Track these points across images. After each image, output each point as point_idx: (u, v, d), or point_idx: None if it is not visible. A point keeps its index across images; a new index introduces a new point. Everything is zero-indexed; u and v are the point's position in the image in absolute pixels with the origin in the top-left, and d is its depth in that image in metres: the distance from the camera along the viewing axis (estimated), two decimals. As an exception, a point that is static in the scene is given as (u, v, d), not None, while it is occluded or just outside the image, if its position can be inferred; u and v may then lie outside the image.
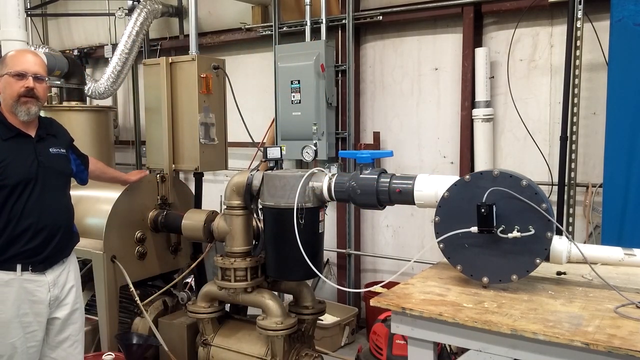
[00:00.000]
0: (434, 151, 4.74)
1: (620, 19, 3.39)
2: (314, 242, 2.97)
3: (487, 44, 4.41)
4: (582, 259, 2.12)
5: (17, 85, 2.47)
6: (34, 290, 2.52)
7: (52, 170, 2.59)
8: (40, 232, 2.50)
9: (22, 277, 2.48)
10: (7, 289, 2.46)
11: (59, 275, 2.61)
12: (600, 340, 1.65)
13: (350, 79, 4.90)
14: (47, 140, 2.63)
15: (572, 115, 3.87)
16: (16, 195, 2.44)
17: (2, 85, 2.50)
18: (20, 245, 2.46)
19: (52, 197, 2.56)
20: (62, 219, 2.62)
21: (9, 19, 3.53)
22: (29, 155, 2.51)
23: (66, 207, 2.68)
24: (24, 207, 2.46)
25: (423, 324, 1.99)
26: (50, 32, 7.43)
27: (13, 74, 2.46)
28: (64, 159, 2.71)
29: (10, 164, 2.43)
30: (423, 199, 2.52)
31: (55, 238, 2.56)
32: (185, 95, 3.93)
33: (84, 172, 2.98)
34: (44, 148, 2.59)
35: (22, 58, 2.51)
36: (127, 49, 5.26)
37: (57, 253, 2.60)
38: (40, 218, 2.49)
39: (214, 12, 5.92)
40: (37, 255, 2.50)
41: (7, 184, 2.42)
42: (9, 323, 2.48)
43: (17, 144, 2.50)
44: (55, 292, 2.59)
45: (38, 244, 2.49)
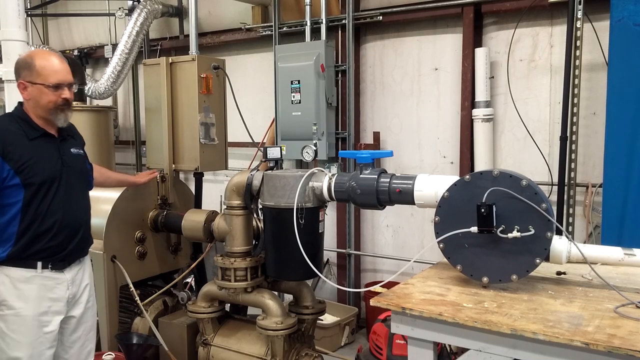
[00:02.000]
0: (434, 151, 4.74)
1: (620, 19, 3.39)
2: (314, 242, 2.97)
3: (487, 44, 4.41)
4: (582, 259, 2.12)
5: (54, 95, 2.50)
6: (53, 287, 2.53)
7: (74, 169, 2.63)
8: (63, 230, 2.53)
9: (42, 274, 2.50)
10: (28, 286, 2.48)
11: (76, 273, 2.64)
12: (600, 340, 1.65)
13: (350, 79, 4.90)
14: (68, 140, 2.68)
15: (572, 115, 3.87)
16: (42, 193, 2.47)
17: (35, 92, 2.50)
18: (43, 243, 2.48)
19: (75, 196, 2.61)
20: (83, 218, 2.67)
21: (9, 19, 3.53)
22: (54, 154, 2.55)
23: (86, 207, 2.72)
24: (49, 206, 2.49)
25: (423, 324, 1.99)
26: (50, 32, 7.43)
27: (49, 85, 2.48)
28: (83, 160, 2.77)
29: (36, 163, 2.46)
30: (423, 199, 2.52)
31: (77, 237, 2.59)
32: (185, 95, 3.94)
33: (90, 177, 3.00)
34: (67, 148, 2.63)
35: (56, 67, 2.51)
36: (127, 49, 5.26)
37: (76, 252, 2.63)
38: (64, 216, 2.53)
39: (214, 12, 5.92)
40: (58, 253, 2.52)
41: (34, 182, 2.44)
42: (31, 320, 2.47)
43: (42, 144, 2.53)
44: (73, 290, 2.61)
45: (60, 242, 2.52)
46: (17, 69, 2.55)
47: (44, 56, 2.55)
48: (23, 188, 2.43)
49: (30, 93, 2.51)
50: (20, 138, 2.48)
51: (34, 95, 2.51)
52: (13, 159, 2.42)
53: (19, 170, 2.42)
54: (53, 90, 2.49)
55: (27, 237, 2.46)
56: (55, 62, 2.54)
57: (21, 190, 2.43)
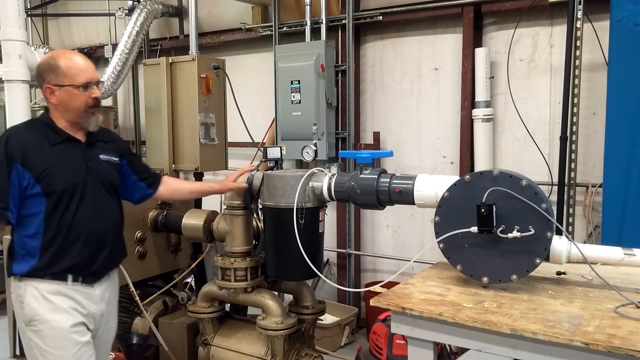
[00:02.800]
0: (434, 151, 4.74)
1: (620, 19, 3.39)
2: (314, 242, 2.97)
3: (487, 44, 4.41)
4: (582, 259, 2.12)
5: (84, 96, 2.34)
6: (84, 302, 2.37)
7: (102, 177, 2.43)
8: (90, 242, 2.35)
9: (72, 287, 2.33)
10: (59, 298, 2.30)
11: (104, 289, 2.47)
12: (600, 340, 1.65)
13: (350, 79, 4.90)
14: (97, 146, 2.47)
15: (572, 115, 3.87)
16: (64, 203, 2.29)
17: (64, 96, 2.33)
18: (71, 257, 2.31)
19: (102, 205, 2.41)
20: (111, 229, 2.46)
21: (9, 19, 3.52)
22: (77, 160, 2.37)
23: (115, 218, 2.51)
24: (73, 216, 2.30)
25: (423, 324, 1.99)
26: (50, 32, 7.43)
27: (79, 85, 2.32)
28: (114, 167, 2.53)
29: (57, 170, 2.28)
30: (423, 199, 2.52)
31: (105, 250, 2.41)
32: (185, 95, 3.94)
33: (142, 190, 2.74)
34: (94, 154, 2.44)
35: (82, 65, 2.35)
36: (127, 49, 5.26)
37: (106, 265, 2.46)
38: (89, 227, 2.34)
39: (214, 12, 5.92)
40: (87, 267, 2.35)
41: (55, 190, 2.26)
42: (68, 332, 2.30)
43: (65, 149, 2.35)
44: (101, 307, 2.44)
45: (88, 255, 2.35)
46: (40, 74, 2.38)
47: (66, 56, 2.38)
48: (45, 197, 2.26)
49: (58, 97, 2.33)
50: (41, 144, 2.31)
51: (63, 99, 2.33)
52: (33, 166, 2.25)
53: (39, 178, 2.25)
54: (83, 90, 2.33)
55: (52, 250, 2.28)
56: (80, 60, 2.37)
57: (43, 199, 2.26)
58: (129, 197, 2.73)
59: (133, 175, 2.68)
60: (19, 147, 2.26)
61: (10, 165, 2.23)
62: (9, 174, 2.22)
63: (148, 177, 2.74)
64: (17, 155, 2.24)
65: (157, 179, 2.78)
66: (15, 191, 2.24)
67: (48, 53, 2.49)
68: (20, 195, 2.25)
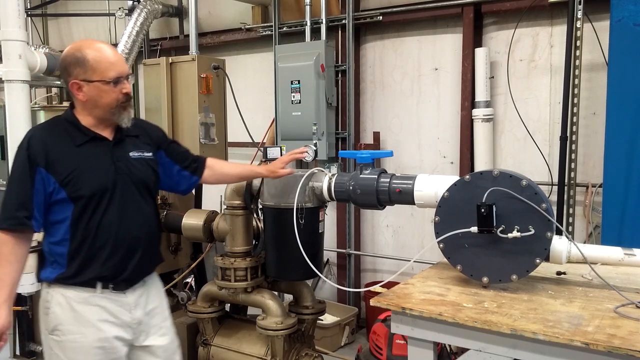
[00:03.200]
0: (434, 151, 4.74)
1: (620, 19, 3.39)
2: (314, 242, 2.97)
3: (487, 44, 4.41)
4: (582, 259, 2.12)
5: (116, 91, 2.15)
6: (115, 311, 2.20)
7: (132, 177, 2.23)
8: (119, 247, 2.18)
9: (102, 295, 2.18)
10: (87, 308, 2.16)
11: (140, 296, 2.28)
12: (600, 340, 1.65)
13: (350, 79, 4.90)
14: (127, 142, 2.27)
15: (572, 115, 3.87)
16: (92, 207, 2.13)
17: (93, 92, 2.14)
18: (99, 265, 2.15)
19: (132, 208, 2.22)
20: (143, 232, 2.26)
21: (9, 19, 3.52)
22: (105, 161, 2.18)
23: (147, 220, 2.30)
24: (100, 221, 2.14)
25: (423, 324, 1.99)
26: (50, 32, 7.43)
27: (109, 80, 2.13)
28: (147, 164, 2.32)
29: (83, 173, 2.12)
30: (423, 199, 2.52)
31: (136, 255, 2.22)
32: (185, 95, 3.94)
33: (187, 179, 2.53)
34: (123, 152, 2.24)
35: (111, 58, 2.16)
36: (127, 49, 5.26)
37: (139, 271, 2.27)
38: (118, 232, 2.17)
39: (214, 12, 5.92)
40: (116, 275, 2.19)
41: (82, 195, 2.11)
42: (91, 347, 2.16)
43: (91, 150, 2.17)
44: (138, 314, 2.26)
45: (117, 262, 2.18)
46: (65, 67, 2.16)
47: (94, 47, 2.16)
48: (71, 202, 2.11)
49: (87, 93, 2.14)
50: (65, 145, 2.14)
51: (92, 95, 2.14)
52: (57, 170, 2.10)
53: (64, 182, 2.09)
54: (113, 85, 2.14)
55: (79, 258, 2.14)
56: (109, 52, 2.17)
57: (70, 205, 2.11)
58: (174, 188, 2.58)
59: (175, 165, 2.48)
60: (41, 150, 2.10)
61: (34, 170, 2.09)
62: (33, 179, 2.09)
63: (190, 163, 2.53)
64: (41, 159, 2.09)
65: (201, 164, 2.56)
66: (40, 197, 2.10)
67: (72, 44, 2.22)
68: (46, 201, 2.11)
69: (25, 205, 2.09)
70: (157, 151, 2.40)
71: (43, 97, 6.84)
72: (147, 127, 2.44)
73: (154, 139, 2.40)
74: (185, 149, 2.57)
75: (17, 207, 2.09)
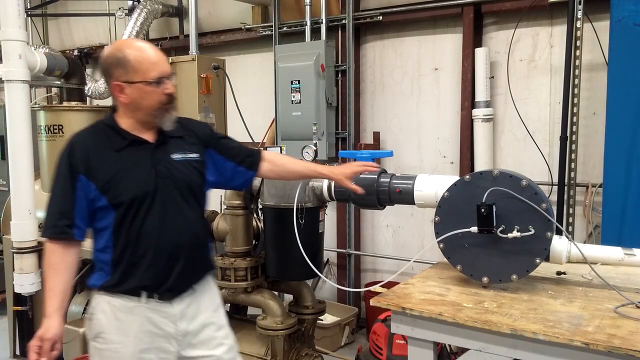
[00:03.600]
0: (434, 151, 4.74)
1: (620, 19, 3.39)
2: (314, 242, 2.98)
3: (487, 44, 4.41)
4: (582, 259, 2.12)
5: (158, 92, 2.07)
6: (158, 322, 2.11)
7: (175, 181, 2.13)
8: (161, 255, 2.09)
9: (146, 305, 2.09)
10: (130, 318, 2.09)
11: (187, 306, 2.16)
12: (600, 340, 1.65)
13: (350, 79, 4.90)
14: (170, 144, 2.17)
15: (572, 115, 3.87)
16: (132, 214, 2.05)
17: (135, 93, 2.06)
18: (141, 273, 2.07)
19: (174, 213, 2.12)
20: (186, 239, 2.14)
21: (9, 19, 3.52)
22: (145, 165, 2.10)
23: (191, 226, 2.17)
24: (141, 228, 2.06)
25: (423, 324, 1.99)
26: (50, 32, 7.43)
27: (152, 81, 2.05)
28: (192, 166, 2.20)
29: (123, 178, 2.05)
30: (423, 199, 2.52)
31: (178, 263, 2.11)
32: (185, 95, 3.94)
33: (242, 174, 2.39)
34: (165, 154, 2.14)
35: (153, 58, 2.08)
36: (127, 49, 5.25)
37: (182, 280, 2.15)
38: (159, 239, 2.08)
39: (214, 12, 5.92)
40: (159, 283, 2.09)
41: (122, 201, 2.04)
42: (132, 358, 2.10)
43: (130, 154, 2.10)
44: (183, 325, 2.14)
45: (159, 270, 2.09)
46: (106, 69, 2.10)
47: (135, 47, 2.09)
48: (113, 209, 2.05)
49: (130, 95, 2.06)
50: (105, 151, 2.08)
51: (134, 97, 2.06)
52: (97, 176, 2.04)
53: (104, 189, 2.04)
54: (155, 86, 2.06)
55: (122, 266, 2.08)
56: (150, 52, 2.08)
57: (111, 211, 2.06)
58: (229, 185, 2.48)
59: (228, 162, 2.35)
60: (82, 156, 2.06)
61: (75, 178, 2.05)
62: (74, 187, 2.05)
63: (245, 158, 2.38)
64: (81, 167, 2.05)
65: (257, 157, 2.41)
66: (83, 205, 2.06)
67: (112, 44, 2.17)
68: (89, 208, 2.07)
69: (67, 214, 2.06)
70: (206, 150, 2.28)
71: (43, 97, 6.86)
72: (193, 126, 2.32)
73: (201, 138, 2.28)
74: (237, 143, 2.43)
75: (59, 216, 2.07)
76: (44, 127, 4.15)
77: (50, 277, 2.08)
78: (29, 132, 3.61)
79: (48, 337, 2.02)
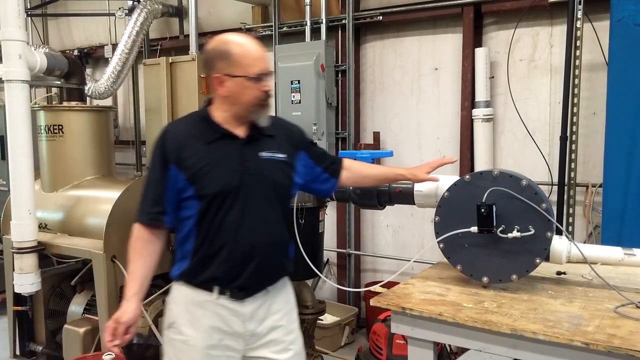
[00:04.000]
0: (434, 151, 4.74)
1: (620, 19, 3.39)
2: (314, 242, 2.98)
3: (487, 44, 4.41)
4: (582, 258, 2.12)
5: (256, 89, 2.07)
6: (228, 320, 2.10)
7: (260, 178, 2.10)
8: (235, 253, 2.07)
9: (217, 301, 2.09)
10: (201, 312, 2.10)
11: (259, 307, 2.14)
12: (600, 340, 1.65)
13: (350, 79, 4.90)
14: (260, 142, 2.15)
15: (572, 115, 3.87)
16: (215, 207, 2.05)
17: (235, 88, 2.07)
18: (215, 267, 2.07)
19: (254, 212, 2.09)
20: (264, 238, 2.11)
21: (9, 19, 3.52)
22: (233, 160, 2.09)
23: (270, 227, 2.14)
24: (222, 222, 2.06)
25: (423, 324, 1.99)
26: (50, 32, 7.43)
27: (252, 77, 2.05)
28: (279, 166, 2.17)
29: (210, 171, 2.06)
30: (423, 199, 2.52)
31: (251, 263, 2.09)
32: (185, 95, 3.95)
33: (327, 181, 2.35)
34: (253, 151, 2.13)
35: (255, 54, 2.08)
36: (127, 49, 5.25)
37: (257, 279, 2.12)
38: (236, 236, 2.06)
39: (214, 12, 5.92)
40: (231, 280, 2.08)
41: (206, 194, 2.05)
42: (200, 352, 2.09)
43: (220, 148, 2.10)
44: (252, 326, 2.12)
45: (232, 266, 2.07)
46: (209, 61, 2.11)
47: (239, 42, 2.09)
48: (198, 200, 2.07)
49: (229, 88, 2.07)
50: (197, 142, 2.09)
51: (234, 91, 2.07)
52: (187, 166, 2.05)
53: (192, 179, 2.05)
54: (255, 82, 2.06)
55: (199, 256, 2.09)
56: (253, 47, 2.09)
57: (196, 202, 2.07)
58: (315, 190, 2.42)
59: (317, 167, 2.32)
60: (175, 146, 2.08)
61: (167, 167, 2.08)
62: (166, 176, 2.08)
63: (329, 165, 2.36)
64: (173, 156, 2.07)
65: (339, 165, 2.39)
66: (172, 194, 2.09)
67: (217, 37, 2.15)
68: (177, 197, 2.10)
69: (159, 201, 2.11)
70: (297, 152, 2.26)
71: (43, 97, 6.85)
72: (286, 127, 2.31)
73: (294, 140, 2.27)
74: (323, 150, 2.44)
75: (152, 203, 2.12)
76: (44, 127, 4.16)
77: (133, 261, 2.15)
78: (29, 132, 3.61)
79: (124, 321, 2.07)
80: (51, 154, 4.16)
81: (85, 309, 3.95)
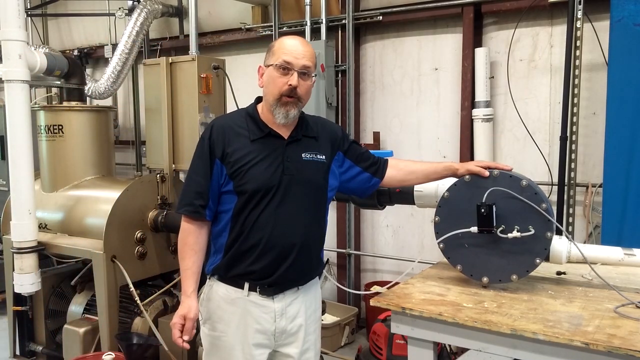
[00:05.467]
0: (434, 151, 4.74)
1: (620, 19, 3.39)
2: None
3: (487, 44, 4.41)
4: (582, 259, 2.12)
5: (281, 81, 2.05)
6: (258, 316, 2.12)
7: (299, 179, 2.12)
8: (270, 250, 2.08)
9: (248, 297, 2.11)
10: (232, 309, 2.13)
11: (289, 304, 2.16)
12: (600, 340, 1.65)
13: (350, 79, 4.90)
14: (302, 142, 2.16)
15: (572, 115, 3.87)
16: (252, 204, 2.07)
17: (266, 77, 2.11)
18: (247, 264, 2.09)
19: (292, 211, 2.10)
20: (299, 239, 2.11)
21: (9, 19, 3.52)
22: (275, 159, 2.10)
23: (307, 226, 2.15)
24: (257, 219, 2.07)
25: (423, 324, 1.99)
26: (50, 32, 7.43)
27: (278, 66, 2.05)
28: (318, 167, 2.18)
29: (251, 169, 2.07)
30: (423, 199, 2.52)
31: (286, 261, 2.10)
32: (185, 95, 3.94)
33: (367, 181, 2.33)
34: (295, 152, 2.14)
35: (291, 47, 2.06)
36: (127, 49, 5.25)
37: (287, 278, 2.14)
38: (272, 234, 2.07)
39: (214, 12, 5.92)
40: (263, 276, 2.10)
41: (246, 190, 2.06)
42: (229, 350, 2.13)
43: (264, 146, 2.11)
44: (282, 323, 2.15)
45: (266, 264, 2.09)
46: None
47: (284, 38, 2.12)
48: (236, 195, 2.09)
49: (263, 79, 2.13)
50: (242, 138, 2.11)
51: (265, 81, 2.11)
52: (230, 162, 2.08)
53: (233, 175, 2.08)
54: (281, 73, 2.05)
55: (231, 252, 2.11)
56: (292, 42, 2.08)
57: (234, 197, 2.10)
58: (353, 190, 2.39)
59: (356, 167, 2.31)
60: (221, 141, 2.11)
61: (212, 160, 2.11)
62: (211, 169, 2.11)
63: (371, 165, 2.33)
64: (219, 150, 2.10)
65: (383, 164, 2.35)
66: (215, 187, 2.12)
67: None
68: (219, 191, 2.13)
69: (202, 194, 2.12)
70: (336, 153, 2.26)
71: (43, 97, 6.86)
72: (327, 128, 2.30)
73: (334, 140, 2.26)
74: (365, 149, 2.39)
75: (195, 196, 2.12)
76: (44, 127, 4.15)
77: (188, 256, 2.15)
78: (29, 132, 3.61)
79: (191, 317, 2.11)
80: (51, 154, 4.16)
81: (85, 309, 3.95)
